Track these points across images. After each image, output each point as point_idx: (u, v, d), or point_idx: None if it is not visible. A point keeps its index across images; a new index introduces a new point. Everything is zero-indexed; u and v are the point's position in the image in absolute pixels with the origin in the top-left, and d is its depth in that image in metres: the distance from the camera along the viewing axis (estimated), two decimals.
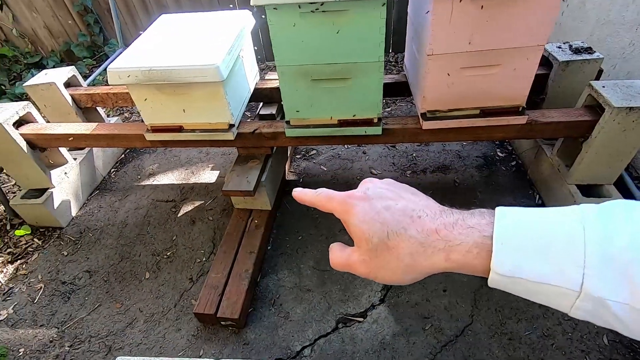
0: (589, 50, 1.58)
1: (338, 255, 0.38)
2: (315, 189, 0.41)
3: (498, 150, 2.03)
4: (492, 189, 1.80)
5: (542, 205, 1.70)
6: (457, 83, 1.27)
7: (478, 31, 1.15)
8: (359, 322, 1.38)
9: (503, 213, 0.31)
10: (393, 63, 2.82)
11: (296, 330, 1.36)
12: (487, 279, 0.31)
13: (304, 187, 0.42)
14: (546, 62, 1.62)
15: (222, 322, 1.36)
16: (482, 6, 1.09)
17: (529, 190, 1.78)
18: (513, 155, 1.98)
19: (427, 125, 1.37)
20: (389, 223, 0.34)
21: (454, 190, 1.82)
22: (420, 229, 0.33)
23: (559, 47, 1.62)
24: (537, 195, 1.74)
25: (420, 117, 1.40)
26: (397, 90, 1.71)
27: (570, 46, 1.62)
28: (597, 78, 1.57)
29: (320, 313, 1.41)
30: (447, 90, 1.29)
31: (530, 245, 0.29)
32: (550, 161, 1.64)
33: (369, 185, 0.39)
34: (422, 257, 0.33)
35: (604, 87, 1.37)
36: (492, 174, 1.89)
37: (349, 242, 0.38)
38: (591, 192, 1.52)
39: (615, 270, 0.26)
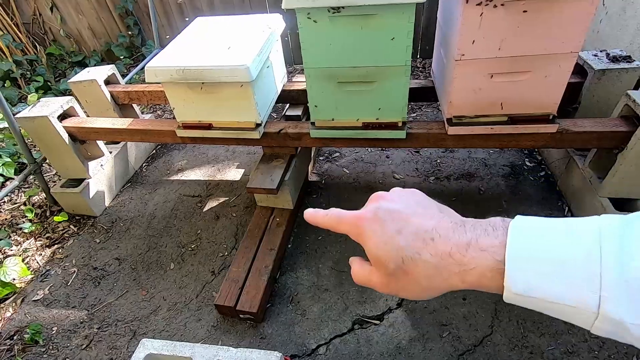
0: (627, 58, 1.52)
1: (359, 272, 0.39)
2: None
3: (526, 159, 1.98)
4: (518, 199, 1.76)
5: (571, 217, 1.64)
6: (485, 89, 1.26)
7: (508, 37, 1.13)
8: (375, 324, 1.38)
9: (517, 230, 0.30)
10: (420, 69, 2.81)
11: (312, 329, 1.38)
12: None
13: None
14: (581, 70, 1.57)
15: (240, 315, 1.39)
16: (512, 12, 1.08)
17: (558, 202, 1.72)
18: (542, 165, 1.93)
19: (452, 130, 1.37)
20: (403, 248, 0.33)
21: (479, 198, 1.79)
22: (434, 253, 0.32)
23: (595, 55, 1.57)
24: (567, 207, 1.69)
25: (445, 122, 1.39)
26: (423, 96, 1.71)
27: (608, 54, 1.56)
28: (636, 88, 1.51)
29: (336, 313, 1.42)
30: (475, 96, 1.28)
31: (544, 265, 0.28)
32: (582, 172, 1.59)
33: (379, 202, 0.37)
34: (438, 280, 0.33)
35: None
36: (519, 183, 1.84)
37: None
38: (624, 206, 1.46)
39: (633, 292, 0.25)
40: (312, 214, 0.42)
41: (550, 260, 0.28)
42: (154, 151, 2.36)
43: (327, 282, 1.52)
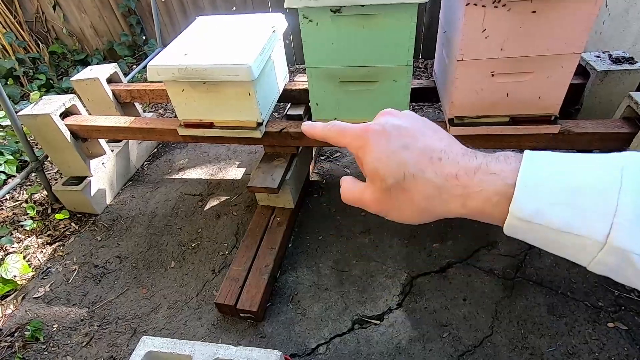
0: (630, 60, 1.52)
1: (350, 188, 0.37)
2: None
3: None
4: None
5: None
6: (486, 89, 1.26)
7: (511, 37, 1.13)
8: (375, 324, 1.37)
9: (532, 157, 0.28)
10: (422, 69, 2.80)
11: (312, 328, 1.38)
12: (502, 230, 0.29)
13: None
14: (583, 71, 1.57)
15: (241, 314, 1.39)
16: (515, 12, 1.08)
17: None
18: None
19: (454, 131, 1.36)
20: (407, 164, 0.31)
21: None
22: (439, 172, 0.31)
23: (598, 57, 1.56)
24: None
25: (447, 122, 1.39)
26: (425, 96, 1.71)
27: (610, 56, 1.56)
28: (639, 90, 1.50)
29: (336, 312, 1.42)
30: (476, 96, 1.28)
31: (557, 189, 0.26)
32: None
33: (387, 118, 0.35)
34: (437, 202, 0.31)
35: None
36: None
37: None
38: None
39: None
40: (310, 126, 0.38)
41: (564, 187, 0.26)
42: (156, 150, 2.36)
43: (327, 281, 1.52)
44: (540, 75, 1.21)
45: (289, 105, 1.88)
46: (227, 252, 1.68)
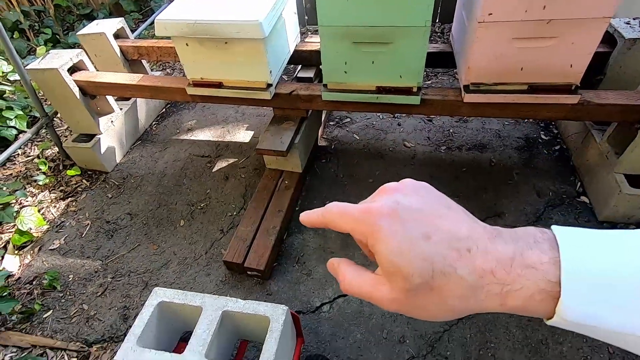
0: None
1: (357, 282, 0.31)
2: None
3: (542, 132, 1.93)
4: (530, 172, 1.74)
5: (583, 192, 1.63)
6: (506, 54, 1.21)
7: None
8: None
9: (568, 245, 0.25)
10: (439, 34, 2.69)
11: (317, 288, 1.43)
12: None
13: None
14: (609, 38, 1.49)
15: (248, 272, 1.44)
16: None
17: (570, 177, 1.70)
18: (558, 139, 1.88)
19: (468, 98, 1.33)
20: (433, 259, 0.27)
21: (489, 169, 1.77)
22: (472, 269, 0.27)
23: (627, 23, 1.48)
24: (579, 183, 1.66)
25: (462, 89, 1.35)
26: (440, 61, 1.64)
27: None
28: None
29: None
30: (495, 61, 1.23)
31: (605, 290, 0.24)
32: (599, 147, 1.55)
33: (396, 197, 0.30)
34: (472, 301, 0.27)
35: None
36: (532, 156, 1.81)
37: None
38: (639, 182, 1.43)
39: None
40: (307, 216, 0.34)
41: (615, 287, 0.24)
42: (164, 110, 2.35)
43: (333, 244, 1.55)
44: (565, 41, 1.15)
45: (300, 67, 1.83)
46: (234, 213, 1.71)
